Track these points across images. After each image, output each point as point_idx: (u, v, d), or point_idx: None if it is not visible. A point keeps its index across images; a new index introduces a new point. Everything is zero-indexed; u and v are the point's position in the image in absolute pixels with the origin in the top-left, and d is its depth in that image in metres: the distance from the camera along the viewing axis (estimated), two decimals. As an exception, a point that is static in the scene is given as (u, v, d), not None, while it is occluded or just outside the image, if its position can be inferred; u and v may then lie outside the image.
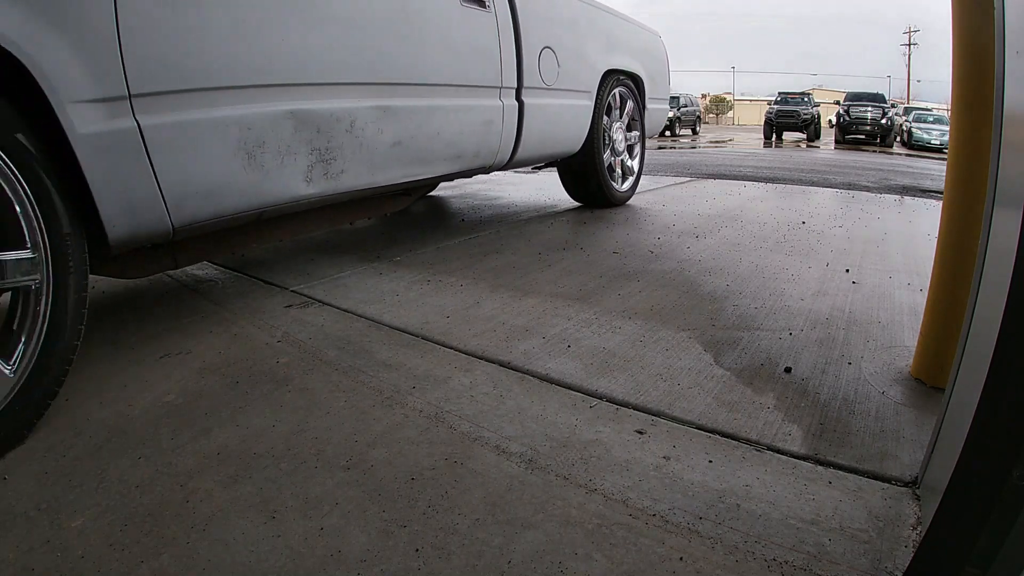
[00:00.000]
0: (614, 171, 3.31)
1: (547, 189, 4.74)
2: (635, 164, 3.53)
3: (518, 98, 2.36)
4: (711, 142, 16.20)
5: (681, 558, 0.76)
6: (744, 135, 23.07)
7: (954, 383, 0.81)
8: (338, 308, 1.85)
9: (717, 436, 1.05)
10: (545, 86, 2.49)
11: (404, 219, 3.54)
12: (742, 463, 0.96)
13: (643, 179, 4.42)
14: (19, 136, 1.01)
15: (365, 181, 1.81)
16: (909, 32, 43.82)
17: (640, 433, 1.06)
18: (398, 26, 1.79)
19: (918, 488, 0.89)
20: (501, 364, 1.37)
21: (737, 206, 3.62)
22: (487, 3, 2.14)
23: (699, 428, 1.07)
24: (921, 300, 1.40)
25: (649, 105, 3.45)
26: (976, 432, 0.61)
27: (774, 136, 18.59)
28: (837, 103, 18.07)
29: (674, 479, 0.93)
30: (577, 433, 1.07)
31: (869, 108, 16.52)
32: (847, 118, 16.64)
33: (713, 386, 1.23)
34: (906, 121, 17.14)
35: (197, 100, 1.29)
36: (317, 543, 0.82)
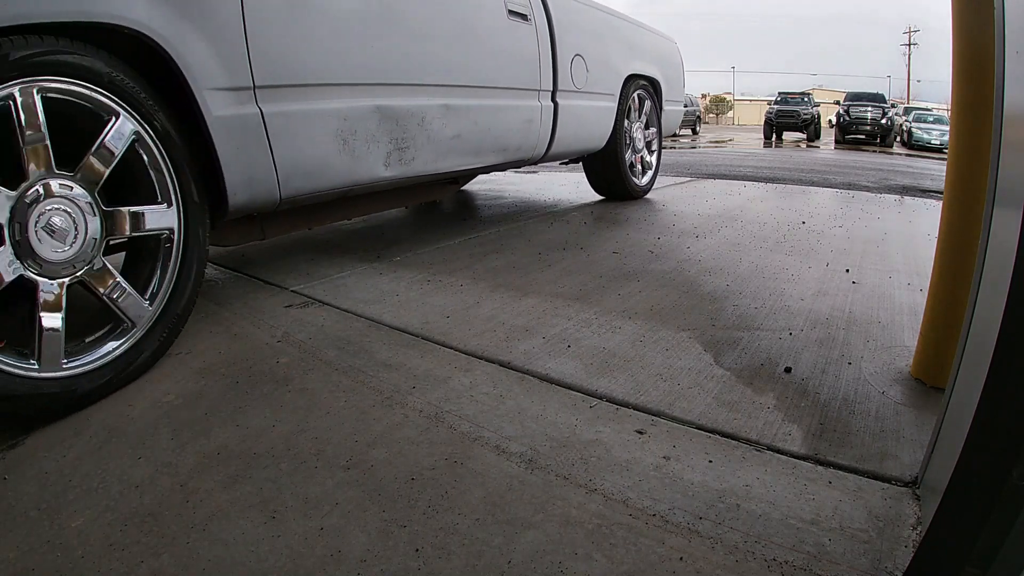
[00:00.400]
0: (634, 167, 3.57)
1: (547, 190, 4.74)
2: (653, 161, 3.81)
3: (553, 99, 2.64)
4: (711, 142, 16.20)
5: (681, 558, 0.76)
6: (744, 135, 23.07)
7: (954, 383, 0.81)
8: (338, 308, 1.85)
9: (717, 436, 1.05)
10: (576, 89, 2.77)
11: (404, 219, 3.54)
12: (742, 463, 0.96)
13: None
14: (162, 118, 1.25)
15: (430, 168, 2.11)
16: (909, 32, 43.84)
17: (640, 433, 1.06)
18: (458, 36, 2.10)
19: (918, 488, 0.89)
20: (501, 364, 1.37)
21: (737, 206, 3.62)
22: (529, 17, 2.42)
23: (699, 428, 1.07)
24: (921, 300, 1.40)
25: (666, 107, 3.73)
26: (976, 432, 0.61)
27: (774, 136, 18.59)
28: (837, 103, 18.08)
29: (674, 479, 0.93)
30: (577, 433, 1.07)
31: (869, 108, 16.52)
32: (847, 118, 16.64)
33: (713, 386, 1.23)
34: (906, 121, 17.14)
35: (306, 93, 1.56)
36: (317, 543, 0.82)
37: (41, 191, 1.08)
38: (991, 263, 0.74)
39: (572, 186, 4.90)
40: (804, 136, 18.71)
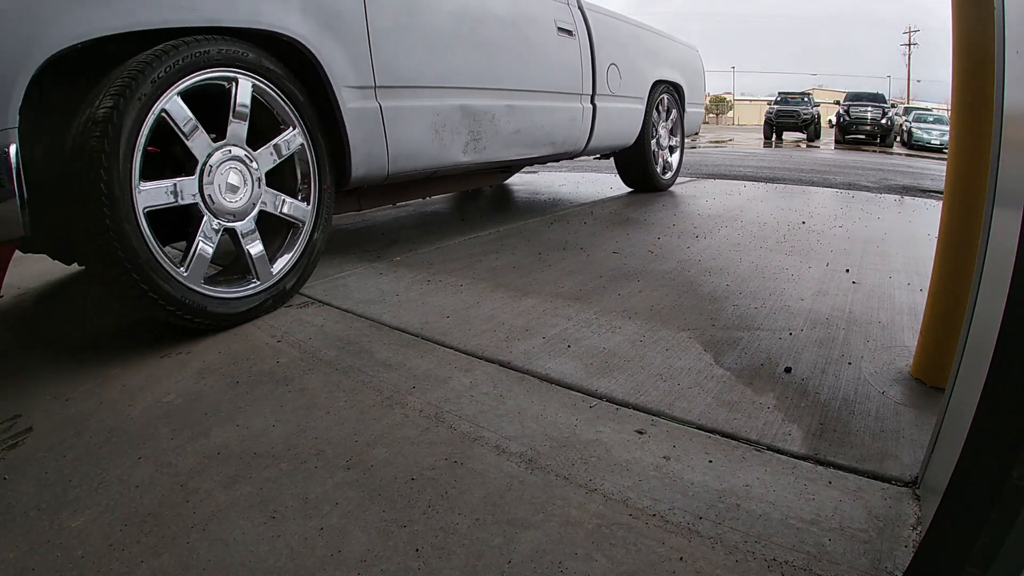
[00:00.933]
0: (659, 162, 4.00)
1: (547, 190, 4.75)
2: (676, 157, 4.22)
3: (592, 102, 3.07)
4: (711, 142, 16.20)
5: (681, 558, 0.76)
6: (744, 135, 23.07)
7: (954, 383, 0.81)
8: (338, 308, 1.85)
9: (717, 436, 1.05)
10: (611, 93, 3.20)
11: (404, 219, 3.54)
12: (742, 463, 0.96)
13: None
14: (310, 113, 1.68)
15: (496, 156, 2.53)
16: (909, 32, 43.80)
17: (640, 433, 1.06)
18: (520, 49, 2.54)
19: (918, 488, 0.89)
20: (501, 364, 1.37)
21: (737, 206, 3.62)
22: (573, 32, 2.86)
23: (699, 428, 1.07)
24: (921, 300, 1.40)
25: (688, 109, 4.16)
26: (976, 432, 0.61)
27: (774, 136, 18.58)
28: (837, 103, 18.07)
29: (674, 479, 0.93)
30: (577, 433, 1.07)
31: (869, 108, 16.52)
32: (847, 118, 16.64)
33: (713, 386, 1.23)
34: (906, 121, 17.14)
35: (411, 93, 2.01)
36: (317, 543, 0.82)
37: (222, 153, 1.54)
38: (991, 263, 0.74)
39: (572, 186, 4.90)
40: (804, 136, 18.71)
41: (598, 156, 3.75)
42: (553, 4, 2.78)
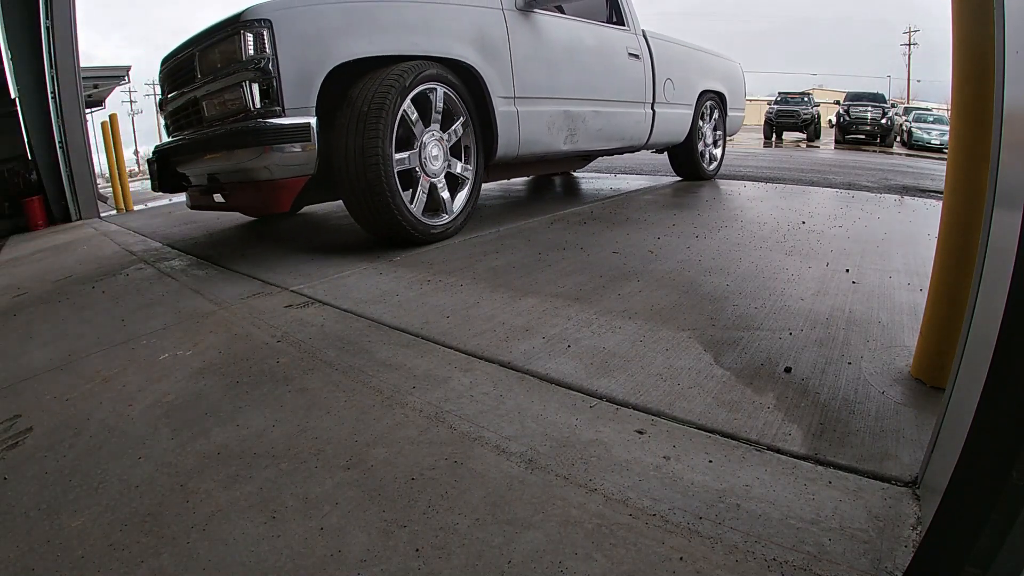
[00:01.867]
0: (704, 156, 4.90)
1: (546, 191, 4.74)
2: (719, 152, 5.12)
3: (652, 108, 3.98)
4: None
5: (681, 558, 0.76)
6: (744, 135, 23.07)
7: (954, 383, 0.81)
8: (338, 308, 1.85)
9: (717, 436, 1.05)
10: (666, 101, 4.12)
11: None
12: (742, 463, 0.96)
13: (643, 179, 5.34)
14: (474, 111, 2.62)
15: (584, 147, 3.45)
16: (909, 32, 43.75)
17: (640, 433, 1.06)
18: (603, 70, 3.48)
19: (918, 488, 0.89)
20: (501, 364, 1.37)
21: (737, 206, 3.62)
22: (639, 56, 3.78)
23: (699, 428, 1.07)
24: (921, 300, 1.40)
25: (730, 112, 5.08)
26: (976, 432, 0.61)
27: (774, 136, 18.57)
28: (837, 103, 18.06)
29: (674, 479, 0.93)
30: (577, 433, 1.07)
31: (869, 108, 16.51)
32: (847, 118, 16.63)
33: (713, 386, 1.23)
34: (906, 121, 17.12)
35: (535, 102, 2.90)
36: (317, 543, 0.82)
37: (428, 134, 2.48)
38: (991, 263, 0.74)
39: (574, 186, 4.90)
40: (804, 136, 18.70)
41: (655, 151, 4.62)
42: (625, 36, 3.73)
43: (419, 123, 2.41)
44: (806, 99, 19.19)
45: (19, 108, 5.63)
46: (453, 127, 2.59)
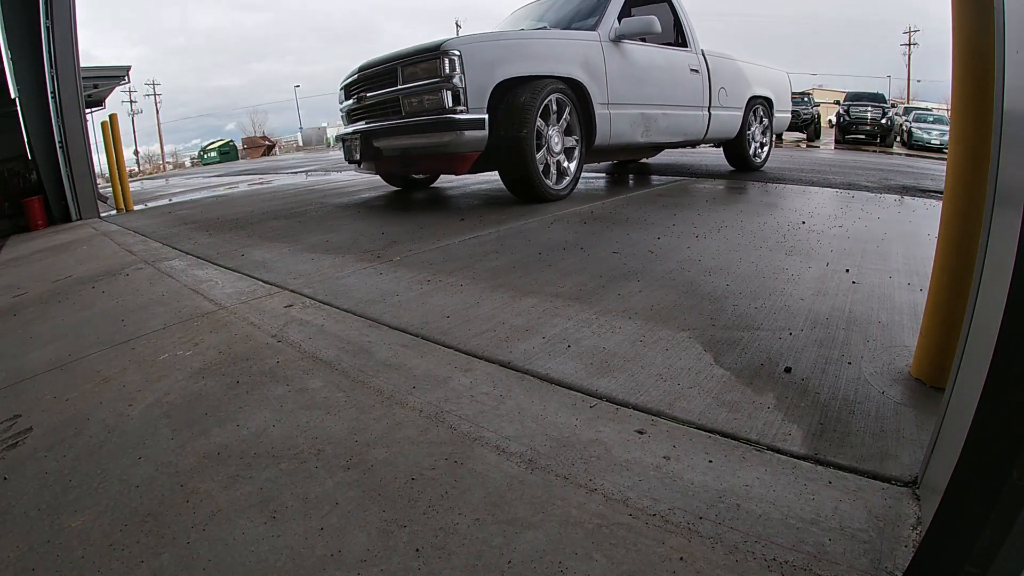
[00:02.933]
0: (753, 150, 5.85)
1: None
2: (766, 147, 6.09)
3: (708, 111, 4.96)
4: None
5: (681, 558, 0.76)
6: (744, 135, 23.00)
7: (954, 383, 0.81)
8: (338, 308, 1.85)
9: (717, 436, 1.05)
10: (720, 105, 5.07)
11: (404, 219, 3.54)
12: (742, 463, 0.96)
13: (642, 178, 5.47)
14: (579, 111, 3.79)
15: (656, 140, 4.49)
16: (909, 32, 43.72)
17: (640, 433, 1.06)
18: (671, 82, 4.48)
19: (918, 488, 0.89)
20: (501, 364, 1.37)
21: (737, 206, 3.62)
22: (699, 70, 4.76)
23: (699, 428, 1.07)
24: (921, 300, 1.40)
25: (776, 114, 6.07)
26: (976, 432, 0.61)
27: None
28: (837, 103, 18.06)
29: (674, 479, 0.93)
30: (577, 433, 1.07)
31: (869, 108, 16.51)
32: (847, 118, 16.63)
33: (713, 386, 1.23)
34: (906, 121, 17.12)
35: (621, 106, 3.96)
36: (317, 543, 0.82)
37: (558, 129, 3.65)
38: (991, 263, 0.74)
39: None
40: (804, 136, 18.69)
41: (713, 145, 5.62)
42: (688, 56, 4.72)
43: (547, 120, 3.55)
44: (806, 99, 19.20)
45: (19, 108, 5.63)
46: (567, 123, 3.72)
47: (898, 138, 17.01)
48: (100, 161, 9.82)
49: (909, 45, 43.29)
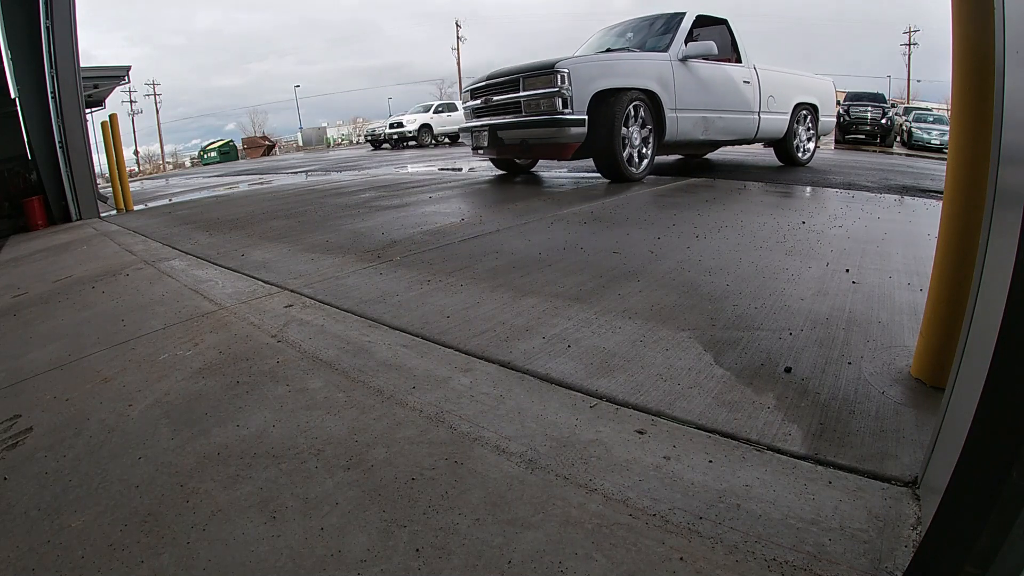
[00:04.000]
0: (799, 149, 6.66)
1: (545, 192, 4.74)
2: (811, 147, 6.86)
3: (758, 115, 5.84)
4: (711, 142, 16.14)
5: (681, 558, 0.76)
6: (744, 135, 22.99)
7: (954, 383, 0.81)
8: (338, 308, 1.85)
9: (717, 436, 1.05)
10: (769, 111, 5.96)
11: (404, 219, 3.54)
12: (742, 463, 0.96)
13: (649, 178, 5.39)
14: (652, 115, 4.89)
15: (714, 138, 5.56)
16: (909, 32, 43.69)
17: (640, 433, 1.06)
18: (727, 91, 5.47)
19: (918, 488, 0.89)
20: (501, 364, 1.37)
21: (737, 206, 3.62)
22: (750, 82, 5.63)
23: (699, 428, 1.07)
24: (921, 300, 1.40)
25: (821, 118, 6.80)
26: (976, 432, 0.61)
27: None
28: (837, 103, 18.04)
29: (674, 479, 0.93)
30: (577, 433, 1.07)
31: (869, 108, 16.50)
32: (847, 118, 16.62)
33: (713, 386, 1.23)
34: (906, 121, 17.12)
35: (686, 111, 5.04)
36: (317, 543, 0.82)
37: (638, 127, 4.76)
38: (991, 263, 0.74)
39: (572, 185, 4.90)
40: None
41: (763, 144, 6.55)
42: (742, 70, 5.68)
43: (629, 121, 4.62)
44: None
45: (19, 108, 5.63)
46: (644, 123, 4.76)
47: (898, 138, 17.00)
48: (100, 161, 9.82)
49: (909, 45, 43.27)
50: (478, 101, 5.23)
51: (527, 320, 1.64)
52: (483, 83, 5.15)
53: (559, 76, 4.34)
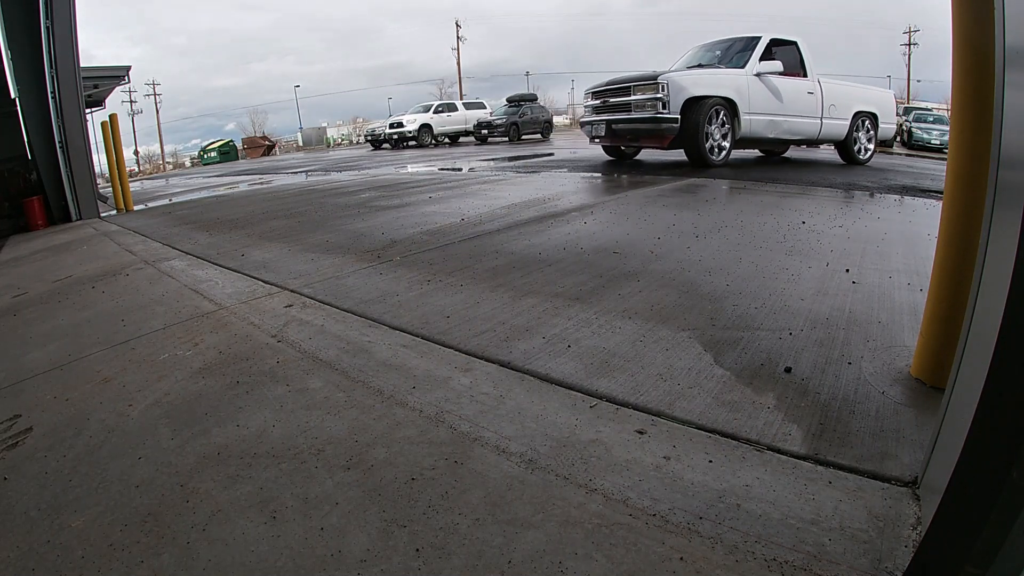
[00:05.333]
0: (859, 150, 7.59)
1: (546, 190, 4.74)
2: (871, 148, 7.80)
3: (821, 120, 6.98)
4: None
5: (681, 558, 0.76)
6: (744, 135, 22.97)
7: (954, 383, 0.81)
8: (338, 308, 1.85)
9: (717, 436, 1.05)
10: (830, 117, 7.04)
11: (404, 219, 3.54)
12: (742, 463, 0.96)
13: (643, 180, 5.52)
14: (730, 116, 6.31)
15: (781, 137, 6.90)
16: (909, 32, 43.68)
17: (640, 433, 1.06)
18: (793, 99, 6.71)
19: (918, 488, 0.89)
20: (501, 364, 1.37)
21: (737, 206, 3.62)
22: (814, 93, 6.85)
23: (699, 428, 1.07)
24: (921, 300, 1.40)
25: (881, 125, 7.80)
26: (976, 432, 0.61)
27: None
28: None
29: (674, 479, 0.93)
30: (577, 433, 1.07)
31: (869, 108, 16.48)
32: (847, 118, 16.58)
33: (713, 386, 1.23)
34: (906, 121, 17.11)
35: (758, 115, 6.42)
36: (317, 543, 0.82)
37: (719, 126, 6.20)
38: (991, 263, 0.74)
39: (572, 185, 4.90)
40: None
41: (827, 145, 7.75)
42: (806, 83, 6.78)
43: (711, 121, 5.94)
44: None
45: (19, 108, 5.63)
46: (723, 123, 6.07)
47: (898, 138, 16.99)
48: (100, 161, 9.82)
49: (909, 45, 43.26)
50: (597, 101, 6.76)
51: (527, 320, 1.64)
52: (602, 88, 6.77)
53: (660, 85, 5.86)
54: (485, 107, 20.32)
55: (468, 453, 1.02)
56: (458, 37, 43.91)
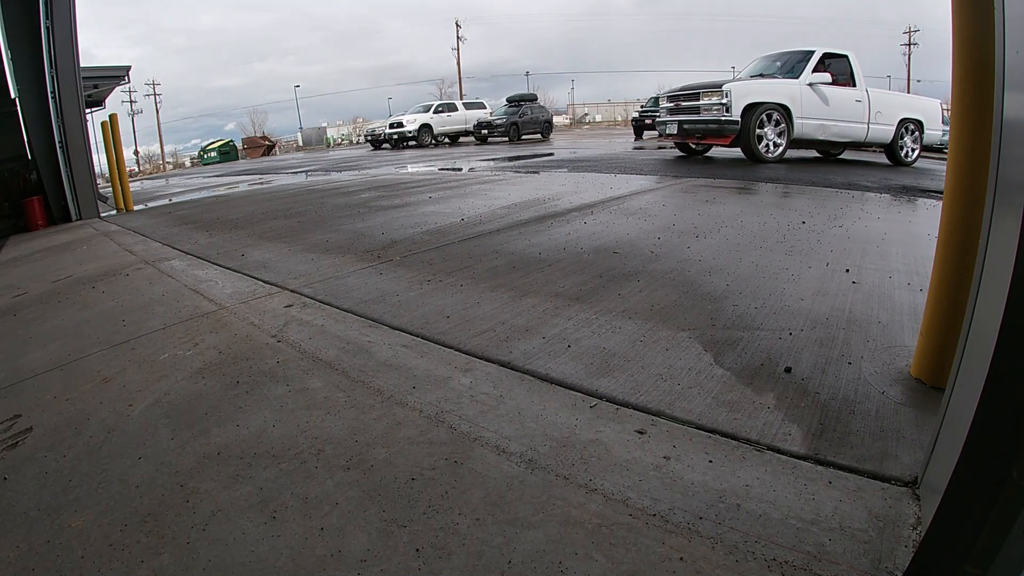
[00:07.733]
0: (904, 152, 8.15)
1: (546, 190, 4.74)
2: (916, 152, 8.32)
3: (868, 125, 7.76)
4: (711, 142, 16.13)
5: (681, 558, 0.76)
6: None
7: (954, 383, 0.81)
8: (338, 308, 1.85)
9: (717, 436, 1.05)
10: (876, 122, 7.80)
11: (404, 219, 3.54)
12: (742, 463, 0.96)
13: (643, 179, 5.45)
14: (785, 118, 7.28)
15: (831, 139, 7.82)
16: (909, 32, 43.68)
17: (640, 433, 1.06)
18: (842, 106, 7.60)
19: (918, 488, 0.89)
20: (501, 364, 1.37)
21: (737, 206, 3.62)
22: (861, 101, 7.68)
23: (699, 428, 1.07)
24: (921, 300, 1.40)
25: (926, 131, 8.37)
26: (976, 432, 0.61)
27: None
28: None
29: (674, 479, 0.93)
30: (577, 433, 1.07)
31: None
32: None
33: (713, 386, 1.23)
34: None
35: (809, 119, 7.37)
36: (317, 543, 0.82)
37: (773, 128, 7.27)
38: (991, 263, 0.74)
39: (572, 185, 4.90)
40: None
41: (876, 149, 8.58)
42: (855, 91, 7.54)
43: (765, 124, 6.94)
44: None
45: (19, 108, 5.63)
46: (778, 125, 6.98)
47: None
48: (100, 161, 9.82)
49: (909, 45, 43.26)
50: (671, 104, 8.02)
51: (527, 320, 1.64)
52: (676, 92, 8.02)
53: (724, 92, 6.99)
54: (485, 107, 20.32)
55: (468, 453, 1.02)
56: (458, 37, 43.92)
